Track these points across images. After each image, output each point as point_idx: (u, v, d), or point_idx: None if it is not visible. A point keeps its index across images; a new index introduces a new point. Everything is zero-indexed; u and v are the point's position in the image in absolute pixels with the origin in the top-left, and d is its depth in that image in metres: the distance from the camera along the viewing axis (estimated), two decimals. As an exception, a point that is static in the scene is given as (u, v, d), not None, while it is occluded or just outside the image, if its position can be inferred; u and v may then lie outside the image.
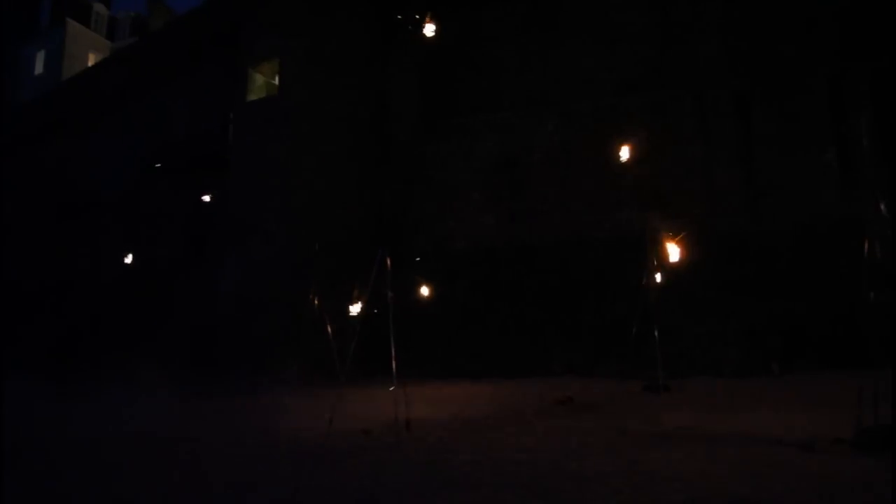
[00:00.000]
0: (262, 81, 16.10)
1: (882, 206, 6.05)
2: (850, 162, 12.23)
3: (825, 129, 12.55)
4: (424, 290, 12.10)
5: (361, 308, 8.19)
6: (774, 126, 12.82)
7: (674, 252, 9.14)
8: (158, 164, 18.37)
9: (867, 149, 12.18)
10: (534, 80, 14.60)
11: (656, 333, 9.83)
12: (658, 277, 10.13)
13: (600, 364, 11.94)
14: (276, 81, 15.62)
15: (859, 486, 4.47)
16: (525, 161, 14.17)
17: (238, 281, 14.39)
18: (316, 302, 11.98)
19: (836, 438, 5.67)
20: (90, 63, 34.07)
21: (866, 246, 6.08)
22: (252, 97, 15.80)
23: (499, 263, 13.85)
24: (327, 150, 14.69)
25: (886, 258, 6.55)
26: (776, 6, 13.02)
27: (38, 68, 36.73)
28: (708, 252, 12.27)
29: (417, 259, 11.50)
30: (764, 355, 11.48)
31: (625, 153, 12.39)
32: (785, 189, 12.48)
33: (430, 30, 12.02)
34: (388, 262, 7.73)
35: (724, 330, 11.99)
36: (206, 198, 16.20)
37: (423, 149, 15.31)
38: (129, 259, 17.54)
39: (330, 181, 14.54)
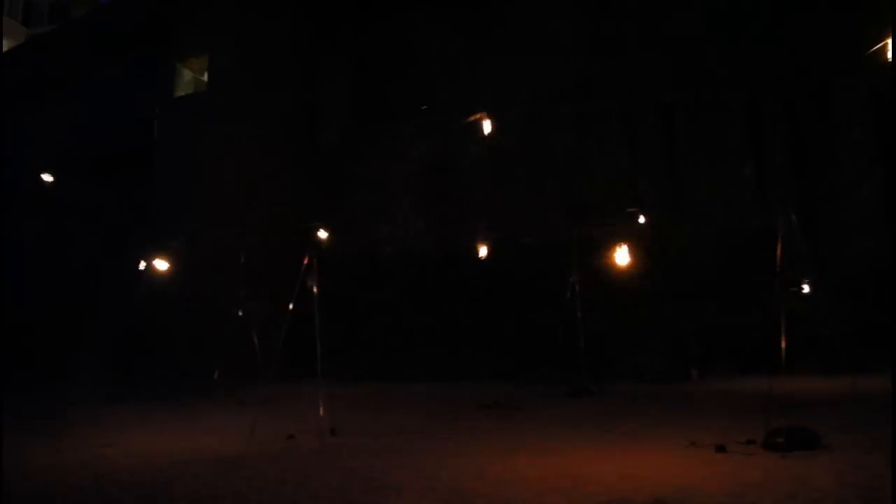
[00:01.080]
0: (191, 77, 15.68)
1: (793, 219, 6.35)
2: (765, 176, 12.82)
3: (744, 145, 13.12)
4: (353, 293, 12.04)
5: (288, 310, 8.06)
6: (697, 140, 13.33)
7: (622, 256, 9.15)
8: (77, 158, 17.61)
9: (780, 164, 12.79)
10: (466, 86, 14.71)
11: (581, 339, 10.03)
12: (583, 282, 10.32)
13: (526, 368, 12.10)
14: (205, 78, 15.24)
15: (765, 483, 4.68)
16: (455, 166, 14.26)
17: (161, 282, 13.92)
18: (242, 304, 11.77)
19: (748, 439, 5.92)
20: (3, 49, 32.37)
21: (779, 256, 6.37)
22: (179, 93, 15.36)
23: (428, 267, 13.89)
24: (256, 149, 14.41)
25: (797, 268, 6.88)
26: (699, 25, 13.53)
27: (-56, 52, 34.64)
28: (632, 259, 12.62)
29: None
30: (684, 361, 11.89)
31: (554, 161, 12.61)
32: (706, 200, 12.98)
33: (487, 127, 10.74)
34: (316, 264, 7.65)
35: (647, 336, 12.35)
36: (128, 195, 15.68)
37: (354, 152, 15.23)
38: (42, 257, 16.76)
39: (258, 181, 14.26)
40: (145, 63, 16.65)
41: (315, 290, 7.75)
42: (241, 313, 11.73)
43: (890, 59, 6.94)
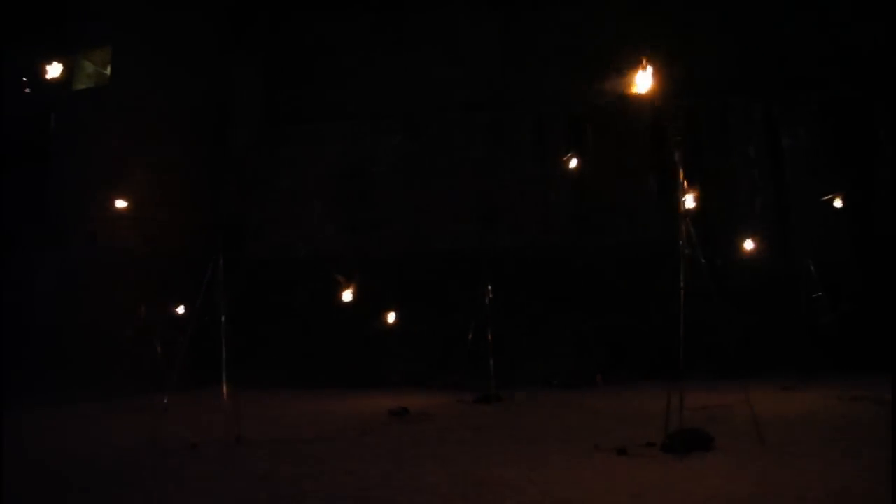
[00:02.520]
0: (93, 70, 14.96)
1: (691, 230, 6.66)
2: (666, 188, 13.39)
3: (648, 158, 13.67)
4: (263, 298, 11.80)
5: (194, 315, 7.82)
6: (604, 151, 13.77)
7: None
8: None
9: (682, 178, 13.38)
10: (382, 90, 14.69)
11: (491, 346, 10.16)
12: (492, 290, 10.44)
13: (437, 375, 12.18)
14: (108, 71, 14.59)
15: (663, 483, 4.88)
16: (369, 171, 14.23)
17: (56, 285, 13.22)
18: (144, 308, 11.34)
19: (647, 442, 6.15)
20: None
21: (680, 265, 6.67)
22: (80, 86, 14.63)
23: (338, 272, 13.77)
24: (163, 148, 13.89)
25: (695, 277, 7.21)
26: (607, 38, 13.98)
27: None
28: (540, 267, 12.96)
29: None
30: (590, 367, 12.24)
31: (466, 168, 12.76)
32: (611, 210, 13.44)
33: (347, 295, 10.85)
34: (223, 267, 7.45)
35: (554, 342, 12.66)
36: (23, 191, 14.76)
37: (266, 153, 14.93)
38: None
39: (165, 181, 13.77)
40: (41, 53, 15.75)
41: (222, 294, 7.54)
42: (143, 316, 11.31)
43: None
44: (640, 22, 14.00)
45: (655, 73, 7.85)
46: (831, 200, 11.68)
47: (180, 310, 11.46)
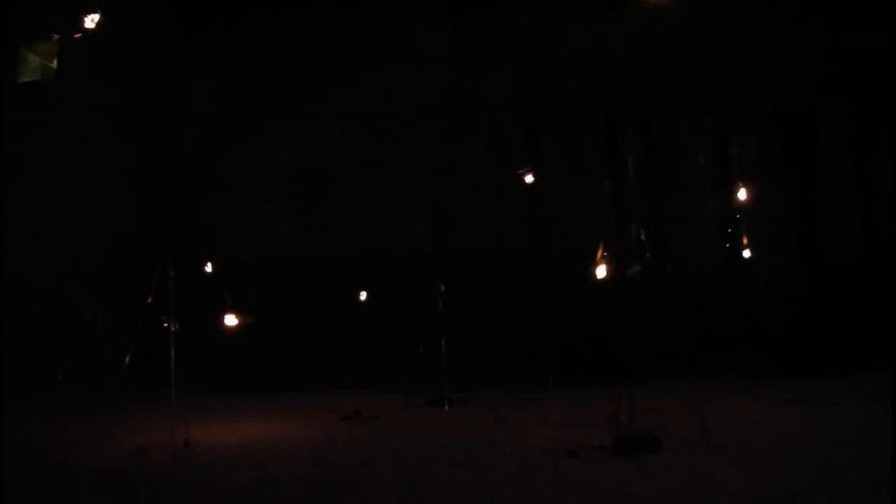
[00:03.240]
0: (38, 63, 14.52)
1: (642, 235, 6.79)
2: (620, 195, 13.63)
3: (602, 164, 13.87)
4: (213, 299, 11.60)
5: (142, 316, 7.64)
6: (559, 157, 13.94)
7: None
8: None
9: (635, 185, 13.63)
10: (338, 92, 14.57)
11: (443, 348, 10.18)
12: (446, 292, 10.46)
13: (389, 378, 12.15)
14: (55, 65, 14.17)
15: (613, 484, 4.95)
16: (323, 173, 14.11)
17: (-3, 285, 12.80)
18: (91, 309, 11.05)
19: (599, 445, 6.22)
20: None
21: (631, 270, 6.80)
22: (25, 79, 14.18)
23: (292, 275, 13.64)
24: (111, 145, 13.56)
25: (646, 282, 7.35)
26: (564, 47, 14.16)
27: None
28: (495, 270, 13.04)
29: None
30: (542, 370, 12.34)
31: (422, 172, 12.76)
32: (566, 215, 13.59)
33: None
34: (173, 269, 7.31)
35: (507, 345, 12.74)
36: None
37: (218, 154, 14.65)
38: None
39: (113, 180, 13.44)
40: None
41: (171, 296, 7.39)
42: (88, 317, 11.02)
43: None
44: (595, 31, 14.21)
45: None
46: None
47: (128, 311, 11.20)
